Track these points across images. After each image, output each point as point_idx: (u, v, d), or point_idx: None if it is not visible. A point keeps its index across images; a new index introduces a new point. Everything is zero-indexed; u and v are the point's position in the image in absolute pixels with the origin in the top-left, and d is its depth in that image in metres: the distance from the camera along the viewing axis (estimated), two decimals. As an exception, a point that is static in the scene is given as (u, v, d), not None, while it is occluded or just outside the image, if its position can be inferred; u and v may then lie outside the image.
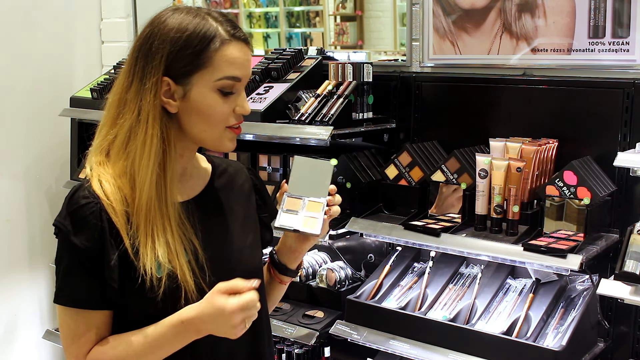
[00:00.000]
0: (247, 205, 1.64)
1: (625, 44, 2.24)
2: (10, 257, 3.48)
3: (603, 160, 2.23)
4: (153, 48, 1.42)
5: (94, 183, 1.42)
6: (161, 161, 1.42)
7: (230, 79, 1.43)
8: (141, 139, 1.42)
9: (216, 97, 1.43)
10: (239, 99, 1.46)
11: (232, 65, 1.43)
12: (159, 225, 1.41)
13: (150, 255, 1.38)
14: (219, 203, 1.58)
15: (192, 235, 1.46)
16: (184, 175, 1.53)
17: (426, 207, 2.46)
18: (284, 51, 2.84)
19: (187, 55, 1.41)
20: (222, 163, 1.65)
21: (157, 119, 1.42)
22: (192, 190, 1.55)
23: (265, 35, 3.53)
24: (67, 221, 1.40)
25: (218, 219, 1.55)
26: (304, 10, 3.36)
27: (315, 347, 2.70)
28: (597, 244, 2.16)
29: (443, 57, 2.61)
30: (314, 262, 2.85)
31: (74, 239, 1.39)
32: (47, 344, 3.58)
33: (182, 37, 1.41)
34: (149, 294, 1.40)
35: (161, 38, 1.41)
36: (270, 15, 3.48)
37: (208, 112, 1.43)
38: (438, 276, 2.47)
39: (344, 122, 2.48)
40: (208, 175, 1.60)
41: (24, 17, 3.42)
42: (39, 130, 3.53)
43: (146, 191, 1.40)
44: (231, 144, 1.49)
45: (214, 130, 1.46)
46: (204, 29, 1.42)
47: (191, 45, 1.41)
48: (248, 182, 1.67)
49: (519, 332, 2.17)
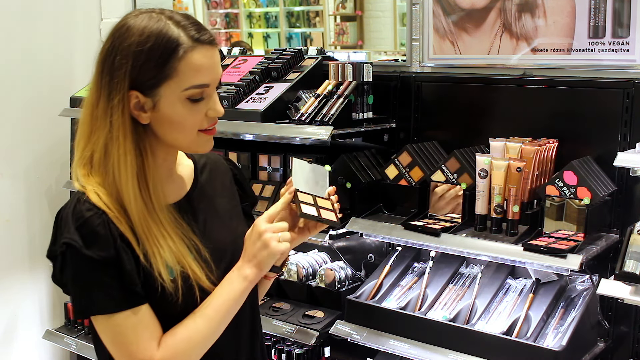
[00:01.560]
0: (231, 196, 1.67)
1: (625, 44, 2.24)
2: (10, 257, 3.48)
3: (603, 160, 2.23)
4: (116, 63, 1.39)
5: (92, 195, 1.40)
6: (141, 172, 1.42)
7: (198, 87, 1.41)
8: (116, 156, 1.40)
9: (186, 106, 1.41)
10: (210, 102, 1.44)
11: (198, 72, 1.40)
12: (156, 233, 1.41)
13: (160, 262, 1.40)
14: (207, 198, 1.59)
15: (190, 233, 1.48)
16: (170, 176, 1.54)
17: (426, 207, 2.46)
18: (284, 51, 2.83)
19: (152, 68, 1.38)
20: (200, 157, 1.66)
21: (129, 133, 1.40)
22: (181, 189, 1.56)
23: (265, 35, 3.53)
24: (76, 236, 1.37)
25: (209, 213, 1.57)
26: (304, 10, 3.37)
27: (315, 347, 2.69)
28: (597, 244, 2.16)
29: (443, 57, 2.61)
30: (314, 262, 2.85)
31: (88, 252, 1.37)
32: (47, 344, 3.58)
33: (143, 50, 1.37)
34: (169, 298, 1.42)
35: (122, 52, 1.38)
36: (270, 15, 3.48)
37: (179, 121, 1.42)
38: (438, 276, 2.47)
39: (344, 122, 2.48)
40: (192, 172, 1.61)
41: (24, 17, 3.42)
42: (39, 130, 3.53)
43: (133, 205, 1.40)
44: (207, 145, 1.48)
45: (187, 137, 1.45)
46: (166, 38, 1.38)
47: (154, 58, 1.38)
48: (228, 173, 1.69)
49: (519, 332, 2.17)
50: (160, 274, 1.39)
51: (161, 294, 1.41)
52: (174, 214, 1.47)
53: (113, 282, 1.38)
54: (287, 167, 2.75)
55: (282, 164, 2.76)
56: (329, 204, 1.60)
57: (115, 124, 1.40)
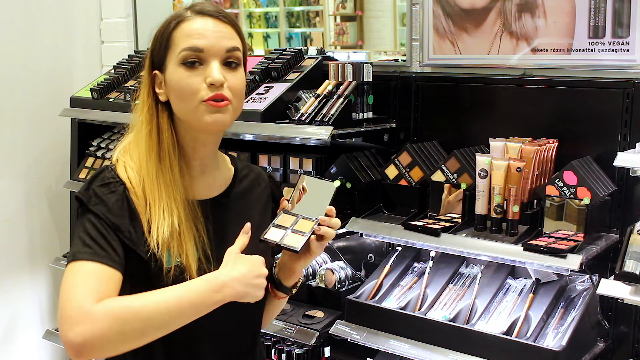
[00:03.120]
0: (263, 213, 1.66)
1: (625, 44, 2.24)
2: (10, 257, 3.48)
3: (603, 160, 2.23)
4: (148, 50, 1.55)
5: (119, 168, 1.48)
6: (161, 148, 1.49)
7: (189, 50, 1.45)
8: (139, 132, 1.52)
9: (182, 70, 1.47)
10: (208, 70, 1.46)
11: (190, 37, 1.46)
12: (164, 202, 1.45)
13: (159, 230, 1.42)
14: (237, 207, 1.60)
15: (204, 232, 1.49)
16: (203, 172, 1.56)
17: (426, 207, 2.46)
18: (284, 51, 2.83)
19: (158, 45, 1.50)
20: (244, 168, 1.68)
21: (152, 108, 1.51)
22: (211, 190, 1.58)
23: (265, 35, 3.53)
24: (91, 193, 1.44)
25: (234, 222, 1.56)
26: (304, 10, 3.37)
27: (315, 347, 2.69)
28: (597, 244, 2.16)
29: (443, 57, 2.61)
30: (314, 262, 2.85)
31: (93, 208, 1.42)
32: (47, 344, 3.58)
33: (158, 33, 1.51)
34: (160, 280, 1.42)
35: (151, 39, 1.54)
36: (270, 15, 3.48)
37: (178, 87, 1.47)
38: (438, 276, 2.47)
39: (344, 122, 2.48)
40: (229, 178, 1.62)
41: (24, 17, 3.42)
42: (39, 130, 3.53)
43: (145, 174, 1.47)
44: (210, 118, 1.46)
45: (189, 106, 1.47)
46: (172, 16, 1.51)
47: (160, 34, 1.51)
48: (267, 190, 1.69)
49: (519, 332, 2.17)
50: (158, 246, 1.41)
51: (155, 272, 1.42)
52: (197, 209, 1.50)
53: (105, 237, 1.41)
54: (287, 167, 2.75)
55: (282, 164, 2.76)
56: (308, 227, 1.52)
57: (143, 103, 1.52)
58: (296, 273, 1.62)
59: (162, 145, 1.49)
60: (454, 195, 2.38)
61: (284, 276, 1.64)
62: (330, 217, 1.54)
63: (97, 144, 3.39)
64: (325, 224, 1.53)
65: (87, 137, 3.43)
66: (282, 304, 1.73)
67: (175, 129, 1.52)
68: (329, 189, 1.55)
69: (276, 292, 1.66)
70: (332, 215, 1.54)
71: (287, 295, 1.67)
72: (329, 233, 1.53)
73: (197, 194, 1.54)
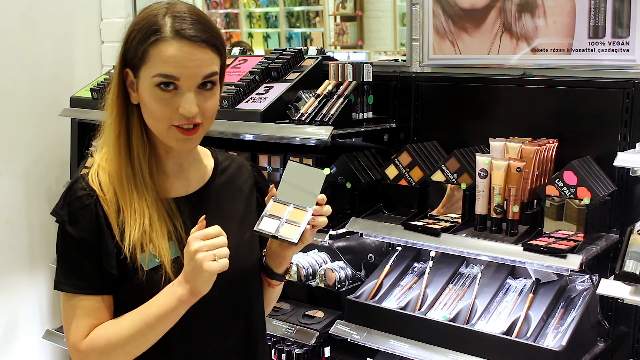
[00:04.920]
0: (247, 203, 1.64)
1: (625, 44, 2.24)
2: (10, 257, 3.48)
3: (603, 160, 2.23)
4: (122, 39, 1.49)
5: (92, 174, 1.48)
6: (125, 149, 1.47)
7: (163, 77, 1.41)
8: (108, 131, 1.50)
9: (155, 92, 1.42)
10: (182, 99, 1.42)
11: (165, 63, 1.41)
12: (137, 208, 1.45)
13: (131, 233, 1.42)
14: (217, 200, 1.58)
15: (181, 228, 1.48)
16: (181, 171, 1.55)
17: (426, 207, 2.46)
18: (284, 51, 2.83)
19: (133, 48, 1.45)
20: (225, 159, 1.66)
21: (121, 108, 1.48)
22: (188, 186, 1.56)
23: (265, 35, 3.53)
24: (64, 211, 1.46)
25: (214, 215, 1.53)
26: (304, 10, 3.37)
27: (315, 347, 2.70)
28: (597, 244, 2.16)
29: (443, 57, 2.61)
30: (314, 262, 2.85)
31: (70, 229, 1.45)
32: (47, 344, 3.58)
33: (134, 30, 1.45)
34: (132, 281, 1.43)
35: (126, 29, 1.48)
36: (270, 15, 3.48)
37: (149, 106, 1.44)
38: (438, 276, 2.47)
39: (344, 122, 2.48)
40: (209, 172, 1.61)
41: (24, 17, 3.42)
42: (39, 130, 3.53)
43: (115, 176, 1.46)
44: (182, 144, 1.46)
45: (159, 126, 1.46)
46: (152, 23, 1.43)
47: (137, 39, 1.44)
48: (250, 180, 1.67)
49: (519, 332, 2.17)
50: (129, 246, 1.42)
51: (131, 273, 1.44)
52: (172, 206, 1.49)
53: (85, 263, 1.44)
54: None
55: (282, 164, 2.76)
56: (302, 217, 1.48)
57: (113, 104, 1.48)
58: (286, 260, 1.60)
59: (132, 147, 1.47)
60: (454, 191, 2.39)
61: (274, 264, 1.61)
62: (322, 206, 1.52)
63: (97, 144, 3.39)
64: (318, 213, 1.51)
65: (87, 137, 3.43)
66: (277, 292, 1.72)
67: (146, 130, 1.49)
68: (318, 176, 1.52)
69: (269, 280, 1.64)
70: (323, 204, 1.52)
71: (281, 283, 1.66)
72: (322, 222, 1.52)
73: (174, 192, 1.53)
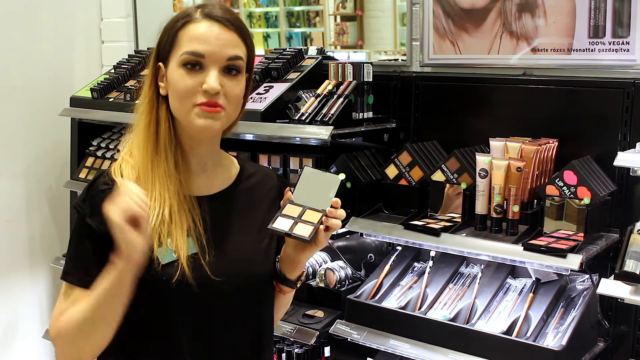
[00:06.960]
0: (268, 212, 1.63)
1: (625, 43, 2.24)
2: (10, 257, 3.48)
3: (603, 160, 2.23)
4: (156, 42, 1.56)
5: (115, 167, 1.51)
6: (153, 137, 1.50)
7: (190, 54, 1.46)
8: (137, 118, 1.55)
9: (181, 72, 1.47)
10: (206, 76, 1.47)
11: (194, 40, 1.47)
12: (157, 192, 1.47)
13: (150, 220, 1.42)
14: (239, 204, 1.60)
15: (200, 224, 1.49)
16: (203, 170, 1.58)
17: (426, 207, 2.46)
18: (284, 51, 2.83)
19: (165, 39, 1.52)
20: (251, 168, 1.69)
21: (152, 100, 1.52)
22: (211, 187, 1.58)
23: (265, 35, 3.53)
24: (86, 204, 1.49)
25: (235, 218, 1.57)
26: (304, 10, 3.36)
27: (315, 347, 2.70)
28: (597, 243, 2.16)
29: (443, 57, 2.61)
30: (314, 262, 2.85)
31: (90, 221, 1.47)
32: (47, 344, 3.58)
33: (166, 27, 1.53)
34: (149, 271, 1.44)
35: (159, 32, 1.55)
36: (270, 15, 3.48)
37: (175, 87, 1.48)
38: (438, 276, 2.47)
39: (344, 122, 2.48)
40: (233, 176, 1.63)
41: (24, 17, 3.42)
42: (39, 130, 3.53)
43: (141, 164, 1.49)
44: (200, 122, 1.48)
45: (182, 107, 1.49)
46: (181, 13, 1.52)
47: (167, 29, 1.52)
48: (275, 189, 1.69)
49: (519, 332, 2.17)
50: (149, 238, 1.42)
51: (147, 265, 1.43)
52: (194, 203, 1.51)
53: (95, 258, 1.44)
54: (287, 167, 2.74)
55: (282, 164, 2.76)
56: (316, 217, 1.51)
57: (145, 95, 1.54)
58: (300, 264, 1.61)
59: (159, 137, 1.51)
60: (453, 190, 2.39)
61: (288, 269, 1.62)
62: (336, 209, 1.54)
63: (97, 143, 3.39)
64: (332, 215, 1.53)
65: (87, 137, 3.43)
66: (288, 299, 1.72)
67: (173, 124, 1.53)
68: (334, 181, 1.55)
69: (281, 286, 1.64)
70: (337, 207, 1.54)
71: (292, 290, 1.66)
72: (336, 224, 1.53)
73: (196, 190, 1.55)
